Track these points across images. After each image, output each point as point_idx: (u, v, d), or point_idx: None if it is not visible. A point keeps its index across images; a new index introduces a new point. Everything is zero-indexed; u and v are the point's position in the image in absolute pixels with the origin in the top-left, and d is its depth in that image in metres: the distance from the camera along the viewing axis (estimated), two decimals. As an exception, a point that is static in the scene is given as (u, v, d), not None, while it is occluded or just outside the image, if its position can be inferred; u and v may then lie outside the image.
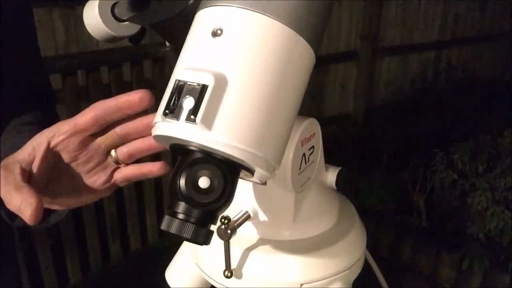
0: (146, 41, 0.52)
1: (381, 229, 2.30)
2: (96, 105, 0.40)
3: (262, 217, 0.46)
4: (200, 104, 0.32)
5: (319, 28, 0.37)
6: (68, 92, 1.79)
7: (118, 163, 0.44)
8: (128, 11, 0.46)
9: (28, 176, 0.40)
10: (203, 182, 0.33)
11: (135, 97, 0.39)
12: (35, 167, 0.41)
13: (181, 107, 0.32)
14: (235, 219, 0.43)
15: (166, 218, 0.34)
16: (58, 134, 0.41)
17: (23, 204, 0.37)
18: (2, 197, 0.39)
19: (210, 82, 0.32)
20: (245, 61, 0.33)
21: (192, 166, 0.33)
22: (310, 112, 0.44)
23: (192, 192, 0.33)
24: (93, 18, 0.46)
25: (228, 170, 0.33)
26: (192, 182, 0.33)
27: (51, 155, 0.42)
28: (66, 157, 0.42)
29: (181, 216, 0.34)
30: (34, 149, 0.41)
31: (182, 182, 0.33)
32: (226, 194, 0.33)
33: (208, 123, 0.32)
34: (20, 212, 0.38)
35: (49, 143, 0.41)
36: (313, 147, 0.46)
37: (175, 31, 0.40)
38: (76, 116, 0.41)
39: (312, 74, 0.37)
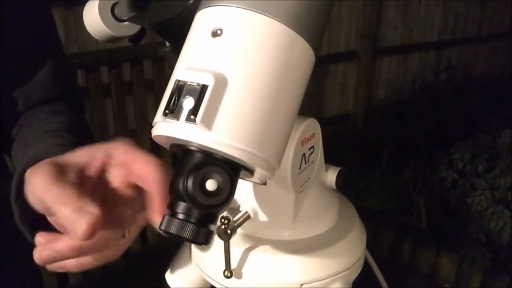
0: (146, 41, 0.52)
1: (381, 229, 2.30)
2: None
3: (262, 217, 0.46)
4: (200, 104, 0.32)
5: (319, 28, 0.37)
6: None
7: None
8: (128, 11, 0.46)
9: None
10: (211, 185, 0.33)
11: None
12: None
13: (181, 107, 0.32)
14: (235, 219, 0.43)
15: (166, 218, 0.34)
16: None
17: (78, 214, 0.34)
18: (51, 203, 0.35)
19: (210, 82, 0.32)
20: (245, 61, 0.33)
21: (200, 168, 0.33)
22: (310, 112, 0.44)
23: (200, 195, 0.33)
24: (93, 18, 0.46)
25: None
26: (200, 185, 0.33)
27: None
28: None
29: (181, 216, 0.34)
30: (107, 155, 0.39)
31: (190, 184, 0.32)
32: (231, 196, 0.33)
33: (208, 123, 0.32)
34: (71, 223, 0.34)
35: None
36: (313, 147, 0.46)
37: (175, 31, 0.40)
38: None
39: (312, 74, 0.37)
